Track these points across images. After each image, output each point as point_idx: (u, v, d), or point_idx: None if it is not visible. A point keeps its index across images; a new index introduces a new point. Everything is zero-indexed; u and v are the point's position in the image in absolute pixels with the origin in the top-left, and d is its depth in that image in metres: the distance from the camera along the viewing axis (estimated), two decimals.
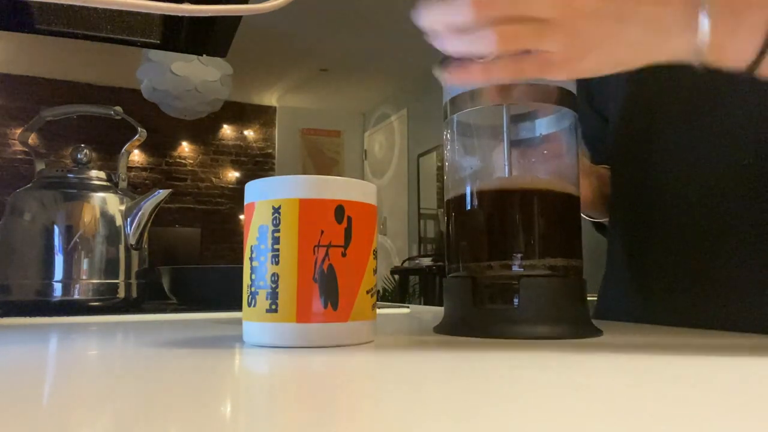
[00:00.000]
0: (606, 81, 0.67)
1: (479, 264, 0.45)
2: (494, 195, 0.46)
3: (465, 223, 0.47)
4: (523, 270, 0.43)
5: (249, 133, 5.93)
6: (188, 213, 5.54)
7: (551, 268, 0.44)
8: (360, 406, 0.22)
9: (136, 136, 0.82)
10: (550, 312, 0.43)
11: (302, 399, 0.23)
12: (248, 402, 0.23)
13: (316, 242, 0.36)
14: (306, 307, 0.35)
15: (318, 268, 0.36)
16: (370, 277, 0.38)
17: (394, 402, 0.22)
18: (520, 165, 0.49)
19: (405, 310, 0.77)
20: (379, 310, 0.61)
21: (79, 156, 0.80)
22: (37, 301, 0.71)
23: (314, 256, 0.36)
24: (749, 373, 0.27)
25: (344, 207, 0.37)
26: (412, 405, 0.21)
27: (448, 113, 0.48)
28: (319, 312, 0.36)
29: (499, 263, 0.44)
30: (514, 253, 0.44)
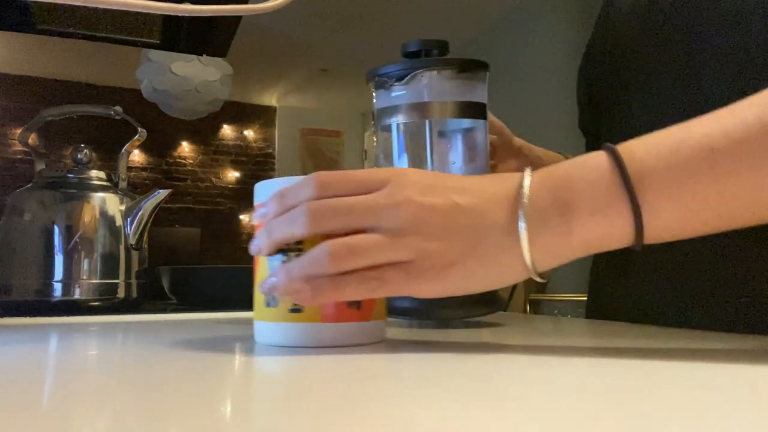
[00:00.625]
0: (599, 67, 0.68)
1: None
2: None
3: None
4: None
5: (249, 133, 5.93)
6: (188, 213, 5.54)
7: None
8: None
9: (136, 136, 0.82)
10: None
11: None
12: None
13: None
14: (331, 307, 0.36)
15: None
16: None
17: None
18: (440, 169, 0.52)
19: None
20: None
21: (79, 156, 0.80)
22: (37, 301, 0.71)
23: None
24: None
25: None
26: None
27: (375, 121, 0.53)
28: (344, 312, 0.36)
29: None
30: None
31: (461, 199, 0.32)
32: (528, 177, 0.32)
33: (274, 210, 0.35)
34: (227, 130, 5.83)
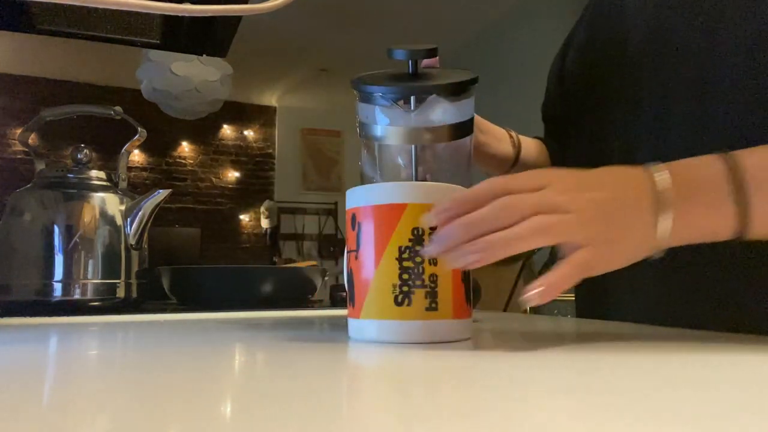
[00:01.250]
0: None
1: None
2: None
3: None
4: None
5: (249, 133, 5.93)
6: (188, 213, 5.54)
7: None
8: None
9: (136, 136, 0.82)
10: None
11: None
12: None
13: None
14: (460, 304, 0.39)
15: (464, 269, 0.40)
16: None
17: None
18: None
19: None
20: None
21: (79, 156, 0.80)
22: (37, 301, 0.71)
23: None
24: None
25: None
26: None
27: (359, 129, 0.50)
28: (465, 309, 0.40)
29: None
30: None
31: (608, 193, 0.37)
32: (659, 173, 0.38)
33: (458, 213, 0.36)
34: (227, 130, 5.83)
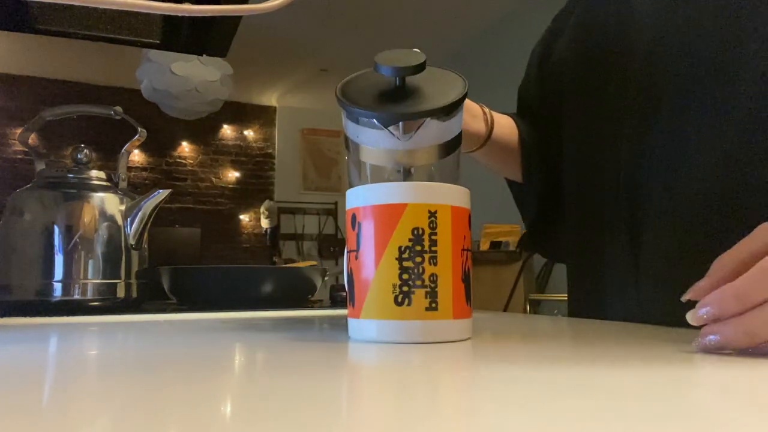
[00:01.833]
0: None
1: None
2: None
3: None
4: None
5: (249, 133, 5.93)
6: (188, 213, 5.54)
7: None
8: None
9: (136, 136, 0.82)
10: None
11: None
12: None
13: (461, 246, 0.39)
14: (460, 304, 0.39)
15: (464, 269, 0.40)
16: None
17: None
18: None
19: None
20: None
21: (79, 156, 0.80)
22: (37, 301, 0.71)
23: (462, 258, 0.39)
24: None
25: (470, 215, 0.42)
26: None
27: (345, 142, 0.49)
28: (465, 309, 0.40)
29: None
30: None
31: None
32: None
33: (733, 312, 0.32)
34: (227, 130, 5.83)
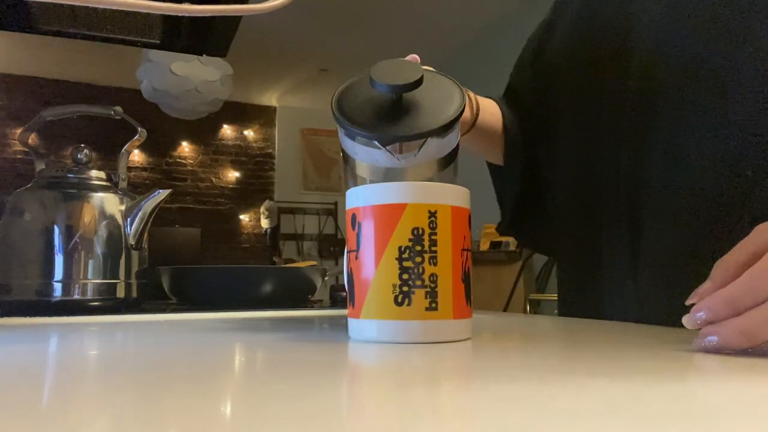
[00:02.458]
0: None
1: None
2: None
3: None
4: None
5: (249, 133, 5.93)
6: (188, 213, 5.54)
7: None
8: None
9: (136, 136, 0.82)
10: None
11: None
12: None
13: (461, 246, 0.39)
14: (460, 304, 0.39)
15: (464, 269, 0.39)
16: None
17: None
18: None
19: None
20: None
21: (79, 156, 0.80)
22: (37, 301, 0.71)
23: (461, 258, 0.39)
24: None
25: (470, 215, 0.41)
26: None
27: (342, 154, 0.49)
28: (465, 309, 0.40)
29: None
30: None
31: None
32: None
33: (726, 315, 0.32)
34: (227, 130, 5.83)
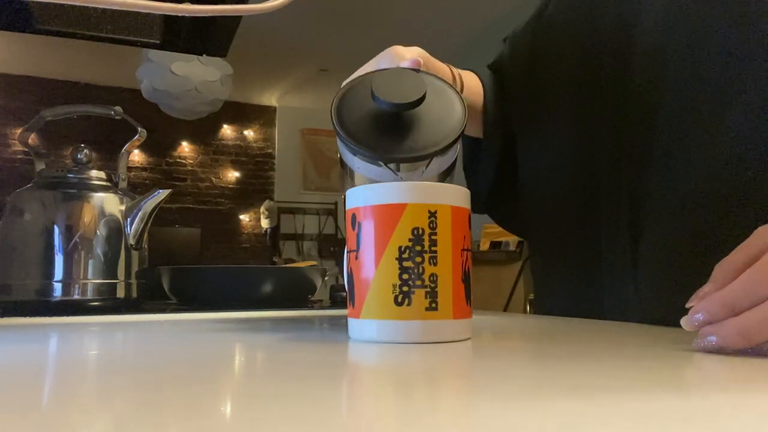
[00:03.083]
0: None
1: None
2: None
3: None
4: None
5: (249, 133, 5.93)
6: (188, 213, 5.54)
7: None
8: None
9: (136, 136, 0.82)
10: None
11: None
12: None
13: (461, 246, 0.39)
14: (460, 304, 0.39)
15: (464, 269, 0.39)
16: None
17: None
18: None
19: None
20: None
21: (79, 156, 0.80)
22: (37, 301, 0.71)
23: (462, 258, 0.39)
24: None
25: (470, 214, 0.41)
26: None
27: (345, 168, 0.49)
28: (465, 309, 0.40)
29: None
30: None
31: None
32: None
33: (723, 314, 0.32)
34: (227, 130, 5.83)
